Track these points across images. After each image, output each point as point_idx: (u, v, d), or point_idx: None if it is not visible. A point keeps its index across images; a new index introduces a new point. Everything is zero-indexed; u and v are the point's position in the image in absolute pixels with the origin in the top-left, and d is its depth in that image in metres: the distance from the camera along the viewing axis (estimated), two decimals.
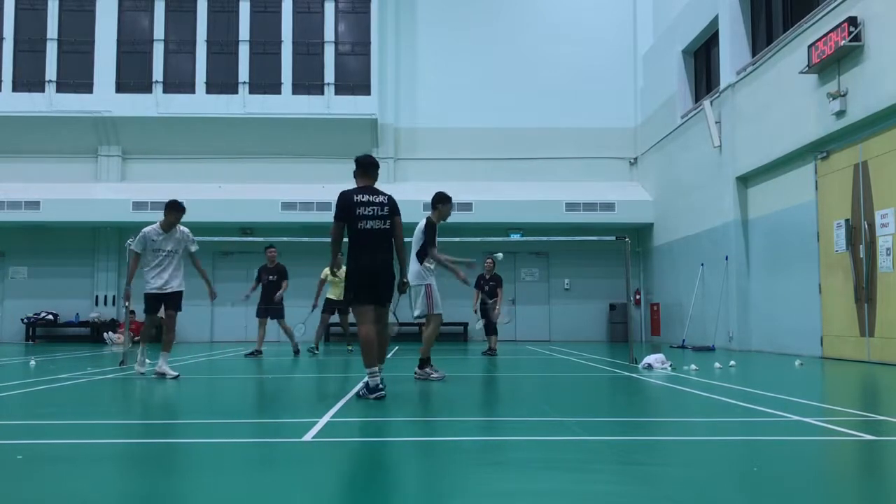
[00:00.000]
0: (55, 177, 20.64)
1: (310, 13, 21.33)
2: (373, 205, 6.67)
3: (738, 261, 15.23)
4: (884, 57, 10.77)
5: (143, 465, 3.77)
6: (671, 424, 5.34)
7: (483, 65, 21.54)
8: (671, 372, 9.26)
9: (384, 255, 6.67)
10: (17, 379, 8.51)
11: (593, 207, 20.33)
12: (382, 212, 6.70)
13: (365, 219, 6.62)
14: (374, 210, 6.65)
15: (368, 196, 6.70)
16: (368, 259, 6.57)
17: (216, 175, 20.72)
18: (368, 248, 6.59)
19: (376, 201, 6.70)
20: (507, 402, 6.75)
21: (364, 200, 6.66)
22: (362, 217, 6.61)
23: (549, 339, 21.22)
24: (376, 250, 6.62)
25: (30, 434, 4.80)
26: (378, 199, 6.74)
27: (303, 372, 10.15)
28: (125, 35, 21.18)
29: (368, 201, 6.67)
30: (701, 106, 16.90)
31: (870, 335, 11.22)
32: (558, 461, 3.85)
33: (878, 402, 7.12)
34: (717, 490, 3.23)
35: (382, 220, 6.68)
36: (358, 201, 6.65)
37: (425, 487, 3.32)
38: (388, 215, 6.73)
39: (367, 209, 6.64)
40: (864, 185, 11.41)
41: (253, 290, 13.44)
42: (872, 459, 4.09)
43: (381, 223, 6.68)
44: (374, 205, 6.67)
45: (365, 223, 6.61)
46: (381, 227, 6.67)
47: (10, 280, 21.25)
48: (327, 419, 5.18)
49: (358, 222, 6.61)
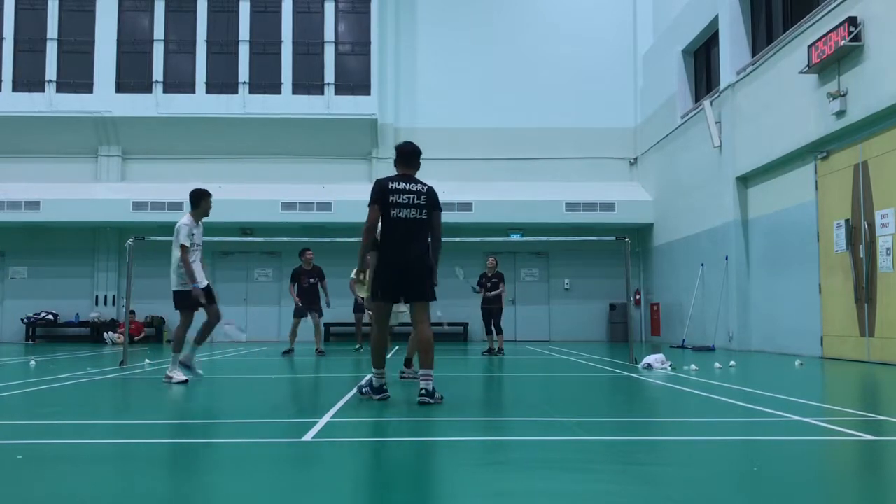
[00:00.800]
0: (55, 177, 20.64)
1: (310, 13, 21.33)
2: (409, 192, 6.12)
3: (738, 261, 15.23)
4: (884, 57, 10.77)
5: (143, 466, 3.77)
6: (671, 424, 5.34)
7: (483, 65, 21.54)
8: (671, 372, 9.26)
9: (418, 247, 6.11)
10: (18, 379, 8.51)
11: (593, 207, 20.33)
12: (419, 200, 6.14)
13: (399, 206, 6.07)
14: (409, 198, 6.10)
15: (405, 184, 6.17)
16: (398, 251, 6.08)
17: (216, 175, 20.69)
18: (400, 239, 6.08)
19: (413, 189, 6.15)
20: (507, 402, 6.75)
21: (399, 188, 6.12)
22: (396, 205, 6.07)
23: (548, 339, 21.22)
24: (409, 241, 6.08)
25: (30, 434, 4.80)
26: (416, 187, 6.19)
27: (305, 372, 10.14)
28: (125, 35, 21.18)
29: (405, 188, 6.13)
30: (701, 106, 16.90)
31: (870, 335, 11.22)
32: (558, 461, 3.85)
33: (878, 402, 7.12)
34: (717, 490, 3.23)
35: (419, 210, 6.12)
36: (393, 188, 6.12)
37: (425, 487, 3.32)
38: (426, 205, 6.16)
39: (402, 196, 6.09)
40: (864, 185, 11.41)
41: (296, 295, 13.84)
42: (872, 459, 4.09)
43: (418, 212, 6.11)
44: (410, 192, 6.12)
45: (398, 211, 6.07)
46: (416, 216, 6.11)
47: (10, 280, 21.25)
48: (327, 419, 5.18)
49: (391, 210, 6.08)
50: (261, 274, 21.38)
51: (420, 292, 6.15)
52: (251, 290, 21.36)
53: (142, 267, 18.23)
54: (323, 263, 15.04)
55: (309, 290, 13.78)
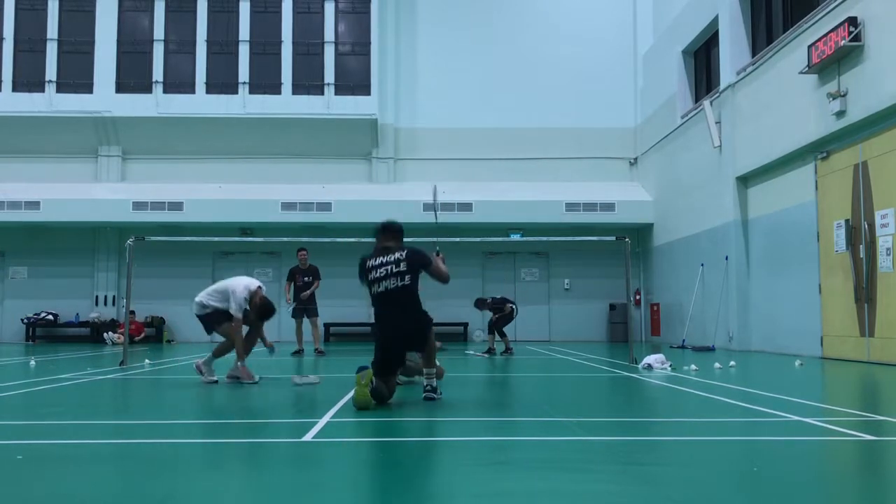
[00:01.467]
0: (55, 177, 20.63)
1: (310, 13, 21.32)
2: (385, 265, 6.12)
3: (738, 261, 15.23)
4: (884, 57, 10.77)
5: (143, 466, 3.77)
6: (671, 424, 5.34)
7: (483, 65, 21.53)
8: (671, 372, 9.26)
9: (407, 314, 6.12)
10: (18, 379, 8.51)
11: (593, 207, 20.33)
12: (399, 267, 6.09)
13: (377, 282, 6.11)
14: (386, 270, 6.10)
15: (381, 257, 6.18)
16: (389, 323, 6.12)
17: (216, 175, 20.72)
18: (385, 313, 6.14)
19: (389, 260, 6.13)
20: (508, 402, 6.75)
21: (375, 263, 6.17)
22: (374, 280, 6.12)
23: (548, 340, 21.22)
24: (396, 312, 6.10)
25: (30, 434, 4.80)
26: (391, 257, 6.15)
27: (306, 372, 10.14)
28: (125, 35, 21.17)
29: (380, 263, 6.15)
30: (701, 106, 16.90)
31: (870, 335, 11.21)
32: (558, 461, 3.85)
33: (878, 402, 7.12)
34: (717, 490, 3.23)
35: (398, 278, 6.07)
36: (370, 266, 6.19)
37: (425, 487, 3.32)
38: (407, 270, 6.09)
39: (379, 271, 6.12)
40: (864, 185, 11.41)
41: (289, 293, 13.95)
42: (872, 459, 4.09)
43: (398, 280, 6.08)
44: (386, 264, 6.12)
45: (378, 286, 6.11)
46: (396, 285, 6.07)
47: (10, 280, 21.25)
48: (327, 419, 5.18)
49: (372, 287, 6.15)
50: (261, 274, 21.34)
51: (422, 346, 6.28)
52: None
53: (142, 267, 18.26)
54: (323, 263, 15.05)
55: (303, 288, 13.99)
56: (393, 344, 6.15)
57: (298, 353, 13.62)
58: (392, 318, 6.12)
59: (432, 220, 8.91)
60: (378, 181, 20.93)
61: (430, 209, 9.06)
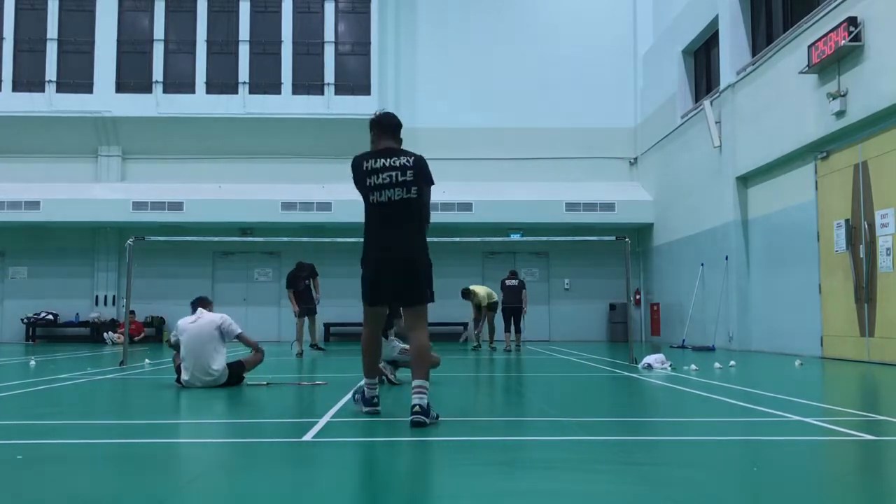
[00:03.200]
0: (55, 177, 20.64)
1: (310, 13, 21.32)
2: (390, 169, 5.04)
3: (738, 261, 15.23)
4: (884, 57, 10.77)
5: (143, 466, 3.77)
6: (671, 424, 5.34)
7: (483, 65, 21.53)
8: (671, 372, 9.26)
9: (405, 237, 5.03)
10: (17, 379, 8.51)
11: (593, 207, 20.33)
12: (405, 176, 5.03)
13: (379, 189, 5.03)
14: (391, 176, 5.02)
15: (383, 159, 5.09)
16: (384, 242, 5.04)
17: (216, 175, 20.72)
18: (381, 229, 5.05)
19: (396, 164, 5.06)
20: (507, 402, 6.75)
21: (377, 166, 5.07)
22: (375, 187, 5.04)
23: (548, 339, 21.22)
24: (396, 229, 5.02)
25: (30, 434, 4.80)
26: (399, 160, 5.08)
27: (306, 372, 10.14)
28: (125, 35, 21.18)
29: (383, 166, 5.06)
30: (701, 106, 16.90)
31: (870, 335, 11.21)
32: (558, 461, 3.84)
33: (878, 402, 7.12)
34: (717, 490, 3.23)
35: (405, 188, 5.01)
36: (369, 168, 5.10)
37: (425, 487, 3.32)
38: (414, 180, 5.04)
39: (382, 175, 5.03)
40: (864, 185, 11.40)
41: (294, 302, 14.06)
42: (872, 459, 4.09)
43: (404, 191, 5.01)
44: (391, 169, 5.04)
45: (379, 195, 5.03)
46: (403, 196, 5.00)
47: (10, 280, 21.25)
48: (327, 419, 5.18)
49: (369, 195, 5.07)
50: (261, 274, 21.38)
51: (410, 295, 5.06)
52: (251, 291, 21.36)
53: (142, 267, 18.26)
54: (323, 263, 15.08)
55: (304, 291, 14.15)
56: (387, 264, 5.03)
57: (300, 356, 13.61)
58: (388, 235, 5.04)
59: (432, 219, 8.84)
60: None
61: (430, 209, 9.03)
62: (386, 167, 5.06)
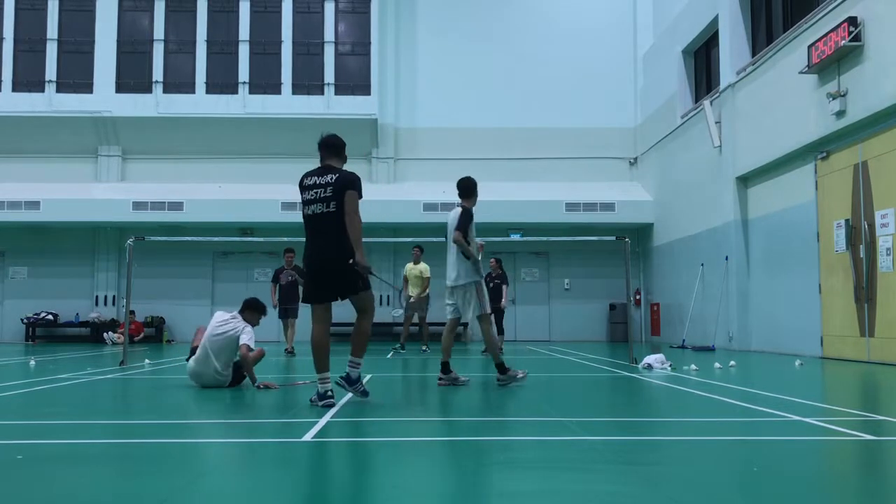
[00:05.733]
0: (55, 177, 20.63)
1: (310, 13, 21.32)
2: (316, 187, 5.86)
3: (738, 261, 15.23)
4: (884, 57, 10.77)
5: (143, 466, 3.77)
6: (671, 424, 5.34)
7: (483, 65, 21.53)
8: (671, 372, 9.26)
9: (330, 242, 5.80)
10: (17, 379, 8.51)
11: (593, 207, 20.33)
12: (326, 193, 5.81)
13: (308, 203, 5.91)
14: (316, 193, 5.85)
15: (315, 177, 5.92)
16: (313, 250, 5.89)
17: (216, 175, 20.72)
18: (311, 238, 5.90)
19: (320, 182, 5.87)
20: (508, 402, 6.74)
21: (309, 183, 5.93)
22: (306, 202, 5.92)
23: (548, 339, 21.21)
24: (321, 238, 5.83)
25: (30, 434, 4.80)
26: (324, 178, 5.88)
27: (305, 372, 10.13)
28: (125, 35, 21.18)
29: (313, 183, 5.90)
30: (701, 106, 16.90)
31: (870, 335, 11.22)
32: (558, 461, 3.85)
33: (878, 402, 7.12)
34: (717, 490, 3.23)
35: (325, 203, 5.81)
36: (305, 185, 5.95)
37: (425, 488, 3.32)
38: (333, 196, 5.79)
39: (311, 192, 5.89)
40: (864, 185, 11.41)
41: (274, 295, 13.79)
42: (872, 459, 4.09)
43: (324, 206, 5.81)
44: (317, 187, 5.86)
45: (308, 208, 5.91)
46: (323, 210, 5.82)
47: (10, 280, 21.25)
48: (327, 419, 5.18)
49: (304, 209, 5.94)
50: (261, 274, 21.36)
51: (343, 288, 5.88)
52: (251, 291, 21.16)
53: (142, 267, 18.25)
54: None
55: (287, 288, 13.80)
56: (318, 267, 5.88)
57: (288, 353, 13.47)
58: (315, 243, 5.87)
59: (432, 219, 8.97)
60: (378, 181, 20.91)
61: (431, 209, 9.04)
62: (315, 185, 5.90)
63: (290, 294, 13.81)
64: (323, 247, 5.83)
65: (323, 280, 5.88)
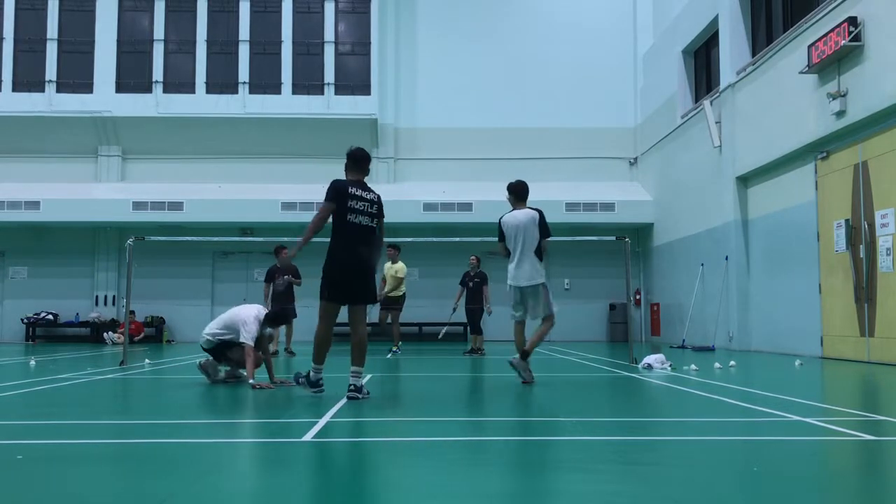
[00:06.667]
0: (55, 177, 20.63)
1: (310, 13, 21.32)
2: (364, 200, 6.47)
3: (738, 261, 15.23)
4: (884, 57, 10.77)
5: (143, 466, 3.77)
6: (671, 424, 5.34)
7: (483, 65, 21.53)
8: (671, 372, 9.26)
9: (368, 252, 6.44)
10: (17, 379, 8.51)
11: (593, 207, 20.32)
12: (372, 209, 6.50)
13: (355, 213, 6.40)
14: (364, 206, 6.45)
15: (361, 191, 6.50)
16: (352, 256, 6.37)
17: (216, 175, 20.71)
18: (353, 244, 6.39)
19: (368, 197, 6.51)
20: (508, 401, 6.74)
21: (357, 194, 6.45)
22: (353, 210, 6.40)
23: (548, 339, 21.15)
24: (361, 247, 6.40)
25: (30, 434, 4.80)
26: (370, 195, 6.55)
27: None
28: (125, 35, 21.18)
29: (361, 196, 6.47)
30: (701, 106, 16.90)
31: (870, 335, 11.21)
32: (558, 461, 3.84)
33: (878, 402, 7.12)
34: (717, 490, 3.23)
35: (371, 218, 6.49)
36: (352, 193, 6.44)
37: (425, 487, 3.32)
38: (377, 214, 6.55)
39: (359, 203, 6.43)
40: (864, 185, 11.40)
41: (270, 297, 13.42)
42: (872, 459, 4.09)
43: (370, 220, 6.48)
44: (365, 200, 6.48)
45: (355, 217, 6.40)
46: (368, 224, 6.47)
47: (10, 280, 21.24)
48: (327, 419, 5.18)
49: (347, 214, 6.39)
50: (261, 274, 21.25)
51: (366, 296, 6.48)
52: (251, 290, 21.32)
53: (142, 267, 18.24)
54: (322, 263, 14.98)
55: (283, 290, 13.31)
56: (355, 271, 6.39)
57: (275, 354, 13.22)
58: (358, 249, 6.39)
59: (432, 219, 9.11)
60: (378, 181, 20.88)
61: (431, 209, 9.15)
62: (363, 198, 6.48)
63: (285, 296, 13.37)
64: (363, 256, 6.40)
65: (355, 285, 6.41)
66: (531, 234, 7.92)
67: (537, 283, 7.84)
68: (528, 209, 8.24)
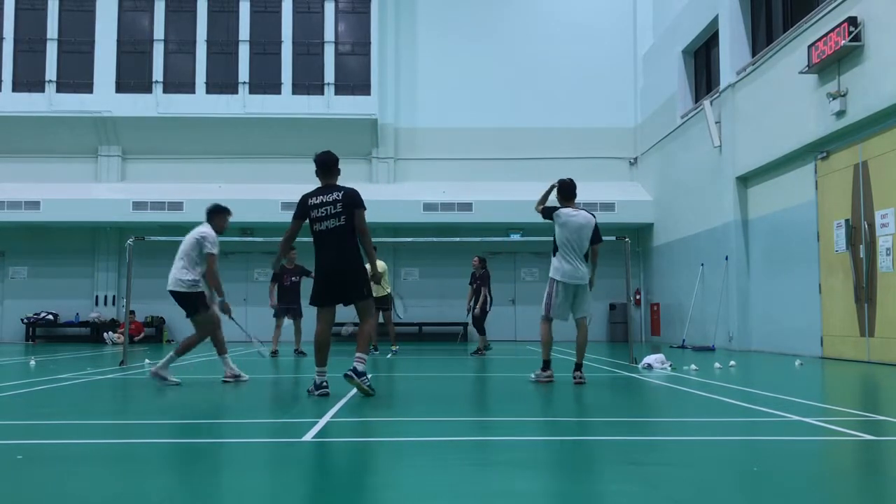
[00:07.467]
0: (55, 177, 20.63)
1: (310, 13, 21.32)
2: (325, 204, 6.50)
3: (738, 261, 15.23)
4: (884, 57, 10.77)
5: (143, 466, 3.77)
6: (671, 424, 5.34)
7: (483, 65, 21.52)
8: (671, 372, 9.27)
9: (344, 253, 6.49)
10: (17, 379, 8.51)
11: (593, 207, 20.09)
12: (336, 209, 6.48)
13: (319, 220, 6.50)
14: (326, 210, 6.49)
15: (322, 196, 6.55)
16: (327, 261, 6.51)
17: (216, 175, 20.71)
18: (324, 249, 6.53)
19: (329, 200, 6.51)
20: (507, 401, 6.74)
21: (316, 202, 6.53)
22: (316, 219, 6.51)
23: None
24: (334, 250, 6.49)
25: (30, 434, 4.80)
26: (331, 196, 6.53)
27: (304, 372, 10.14)
28: (125, 35, 21.18)
29: (321, 202, 6.52)
30: (701, 106, 16.90)
31: (870, 335, 11.21)
32: (559, 461, 3.84)
33: (878, 402, 7.12)
34: (717, 490, 3.23)
35: (336, 218, 6.47)
36: (311, 203, 6.55)
37: (425, 487, 3.31)
38: (343, 211, 6.48)
39: (320, 210, 6.50)
40: (864, 185, 11.40)
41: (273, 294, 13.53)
42: (872, 459, 4.09)
43: (336, 220, 6.47)
44: (326, 204, 6.50)
45: (320, 224, 6.50)
46: (336, 224, 6.47)
47: (10, 280, 21.25)
48: (327, 419, 5.18)
49: (313, 225, 6.54)
50: (261, 274, 21.36)
51: (353, 294, 6.56)
52: (251, 290, 21.34)
53: (142, 267, 18.23)
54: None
55: (290, 289, 13.50)
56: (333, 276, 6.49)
57: (275, 354, 13.08)
58: (331, 254, 6.49)
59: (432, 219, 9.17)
60: (378, 181, 20.92)
61: (431, 209, 9.23)
62: (323, 203, 6.51)
63: (291, 294, 13.54)
64: (336, 258, 6.48)
65: (335, 286, 6.53)
66: (588, 237, 8.34)
67: (585, 283, 8.40)
68: (584, 211, 8.53)
